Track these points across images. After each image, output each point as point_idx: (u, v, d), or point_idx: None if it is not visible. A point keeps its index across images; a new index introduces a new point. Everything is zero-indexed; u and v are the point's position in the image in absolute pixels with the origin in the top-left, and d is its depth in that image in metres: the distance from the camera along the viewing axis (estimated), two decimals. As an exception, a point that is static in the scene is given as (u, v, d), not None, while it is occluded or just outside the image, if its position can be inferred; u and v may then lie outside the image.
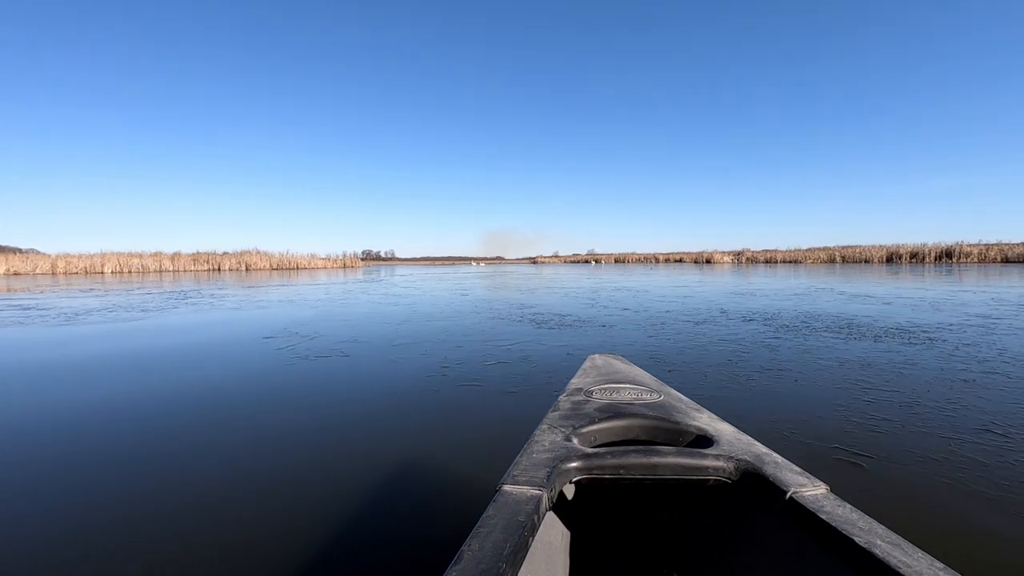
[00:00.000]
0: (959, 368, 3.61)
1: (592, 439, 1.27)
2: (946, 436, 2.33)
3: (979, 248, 36.83)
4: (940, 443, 2.25)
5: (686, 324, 6.18)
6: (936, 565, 0.74)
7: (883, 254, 40.70)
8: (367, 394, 3.27)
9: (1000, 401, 2.84)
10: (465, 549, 0.79)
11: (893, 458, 2.10)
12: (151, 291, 13.86)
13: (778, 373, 3.57)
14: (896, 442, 2.27)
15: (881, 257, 40.57)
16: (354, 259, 58.65)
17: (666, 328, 5.89)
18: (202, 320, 7.23)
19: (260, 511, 1.78)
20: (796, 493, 0.96)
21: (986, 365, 3.70)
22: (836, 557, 0.85)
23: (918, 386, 3.17)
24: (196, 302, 10.31)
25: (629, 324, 6.31)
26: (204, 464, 2.19)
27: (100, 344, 5.19)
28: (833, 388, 3.17)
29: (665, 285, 14.59)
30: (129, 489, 1.95)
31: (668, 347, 4.66)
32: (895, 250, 40.35)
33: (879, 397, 2.95)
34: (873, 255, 41.02)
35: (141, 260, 38.54)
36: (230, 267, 42.61)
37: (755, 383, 3.32)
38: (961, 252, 37.01)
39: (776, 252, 52.29)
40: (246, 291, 13.75)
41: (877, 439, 2.31)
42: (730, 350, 4.44)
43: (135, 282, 19.98)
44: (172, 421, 2.76)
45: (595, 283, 16.63)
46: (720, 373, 3.61)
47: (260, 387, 3.47)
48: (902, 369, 3.62)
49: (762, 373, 3.58)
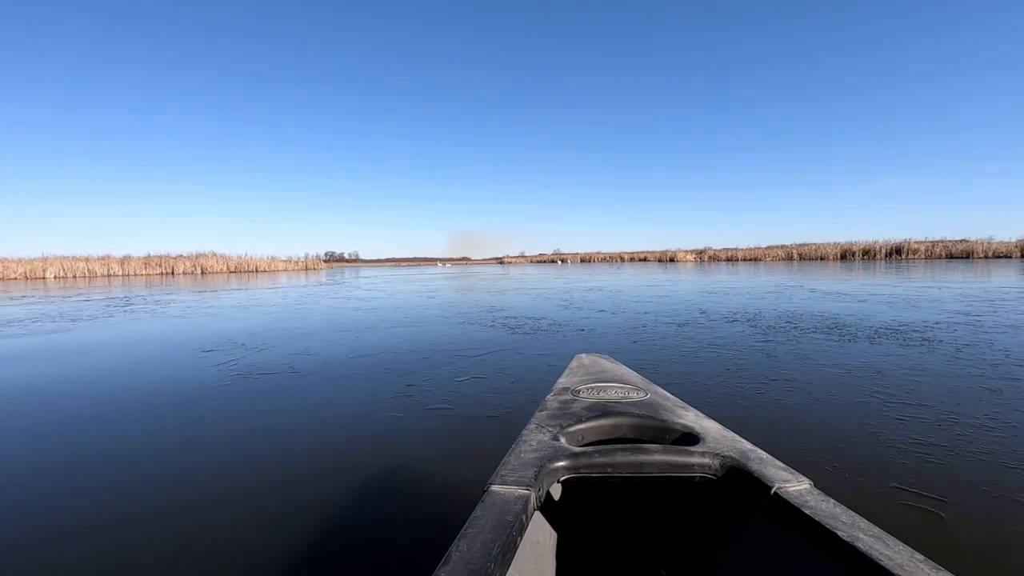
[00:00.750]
0: (974, 374, 3.34)
1: (580, 438, 1.27)
2: (1014, 465, 1.98)
3: (925, 245, 38.68)
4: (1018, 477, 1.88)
5: (668, 327, 5.83)
6: (916, 557, 0.75)
7: (837, 251, 42.25)
8: (314, 424, 2.70)
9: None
10: (453, 550, 0.78)
11: (970, 502, 1.71)
12: (91, 297, 12.63)
13: (787, 385, 3.21)
14: (961, 476, 1.88)
15: (836, 254, 42.10)
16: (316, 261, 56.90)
17: (648, 331, 5.51)
18: (134, 333, 6.34)
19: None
20: (780, 488, 0.96)
21: (1001, 370, 3.45)
22: (820, 551, 0.85)
23: (944, 398, 2.85)
24: (137, 310, 9.31)
25: (609, 328, 5.90)
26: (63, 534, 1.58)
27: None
28: (853, 403, 2.81)
29: (636, 284, 14.37)
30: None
31: (656, 354, 4.26)
32: (849, 247, 41.95)
33: (909, 414, 2.60)
34: (828, 252, 42.52)
35: (87, 264, 36.09)
36: (185, 270, 40.57)
37: (767, 398, 2.94)
38: (909, 249, 38.77)
39: (737, 251, 53.64)
40: (196, 296, 12.65)
41: (936, 474, 1.92)
42: (725, 357, 4.08)
43: (78, 288, 18.39)
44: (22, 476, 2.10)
45: (565, 283, 16.31)
46: (723, 385, 3.22)
47: (176, 418, 2.83)
48: (916, 377, 3.32)
49: (769, 385, 3.21)
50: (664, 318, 6.67)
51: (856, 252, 41.06)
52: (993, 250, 35.43)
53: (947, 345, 4.30)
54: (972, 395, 2.90)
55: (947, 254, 37.50)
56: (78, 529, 1.69)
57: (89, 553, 1.56)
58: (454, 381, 3.52)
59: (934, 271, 18.12)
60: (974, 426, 2.42)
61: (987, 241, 36.57)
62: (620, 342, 4.94)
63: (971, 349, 4.11)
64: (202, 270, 41.31)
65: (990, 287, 10.29)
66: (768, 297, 9.23)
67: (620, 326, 6.05)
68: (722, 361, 3.94)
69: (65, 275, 34.30)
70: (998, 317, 5.89)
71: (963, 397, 2.87)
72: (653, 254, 66.20)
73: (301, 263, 52.95)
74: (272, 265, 48.51)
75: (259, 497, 1.90)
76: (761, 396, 3.00)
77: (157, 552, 1.56)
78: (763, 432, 2.41)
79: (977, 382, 3.16)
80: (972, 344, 4.31)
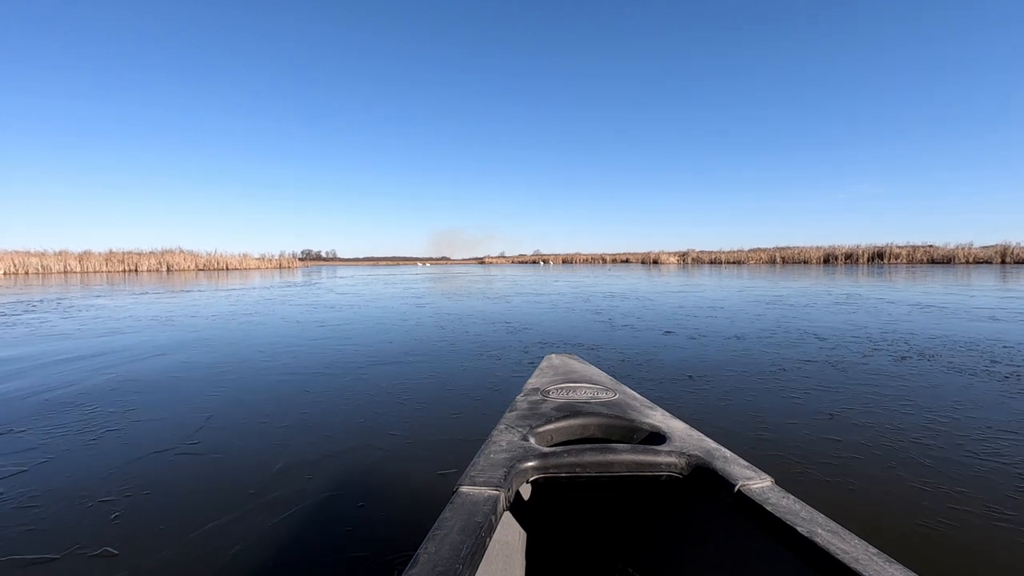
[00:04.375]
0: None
1: (549, 438, 1.29)
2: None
3: (907, 250, 38.89)
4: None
5: (796, 363, 3.95)
6: (870, 550, 0.78)
7: (820, 255, 42.32)
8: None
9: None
10: (421, 552, 0.77)
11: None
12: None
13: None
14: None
15: (819, 258, 42.17)
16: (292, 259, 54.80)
17: (787, 373, 3.64)
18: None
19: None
20: (743, 486, 0.99)
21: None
22: (781, 545, 0.88)
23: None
24: (32, 318, 7.45)
25: (741, 374, 3.63)
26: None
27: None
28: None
29: (656, 290, 13.04)
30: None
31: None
32: (831, 251, 42.04)
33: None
34: (811, 256, 42.57)
35: (41, 260, 33.85)
36: (149, 268, 38.55)
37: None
38: (891, 253, 38.94)
39: (720, 253, 53.56)
40: (130, 300, 10.93)
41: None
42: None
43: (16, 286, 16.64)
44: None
45: (572, 287, 14.68)
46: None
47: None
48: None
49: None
50: (768, 344, 4.80)
51: (839, 256, 41.16)
52: (974, 256, 35.72)
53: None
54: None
55: (928, 259, 37.75)
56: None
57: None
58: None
59: (932, 276, 17.67)
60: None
61: (968, 247, 36.88)
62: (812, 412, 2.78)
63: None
64: (168, 267, 39.25)
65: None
66: (836, 309, 8.30)
67: (752, 366, 3.88)
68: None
69: (16, 271, 32.07)
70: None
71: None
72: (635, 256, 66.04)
73: (275, 261, 50.85)
74: (244, 263, 46.46)
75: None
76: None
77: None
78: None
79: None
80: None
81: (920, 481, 1.93)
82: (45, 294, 12.72)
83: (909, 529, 1.61)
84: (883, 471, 2.03)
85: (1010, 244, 34.46)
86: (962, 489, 1.86)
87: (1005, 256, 34.01)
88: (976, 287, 12.09)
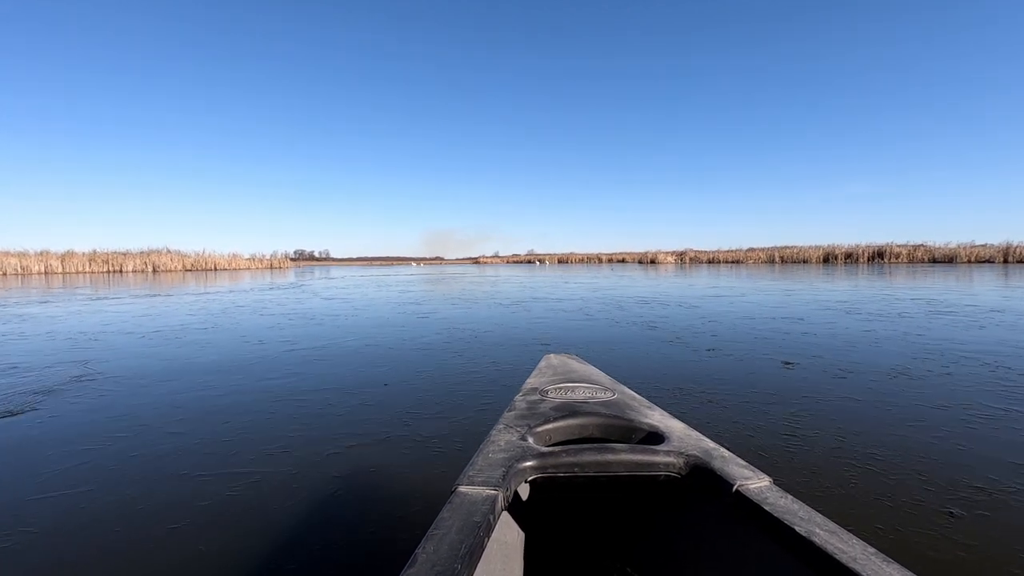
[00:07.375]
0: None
1: (547, 438, 1.27)
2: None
3: (907, 249, 38.47)
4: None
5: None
6: (869, 550, 0.76)
7: (820, 254, 41.88)
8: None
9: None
10: (419, 551, 0.76)
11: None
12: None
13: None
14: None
15: (818, 257, 41.71)
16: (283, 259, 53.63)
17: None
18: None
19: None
20: (742, 486, 0.97)
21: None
22: (779, 545, 0.86)
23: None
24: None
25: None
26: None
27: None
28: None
29: (686, 294, 11.86)
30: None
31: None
32: (831, 251, 41.59)
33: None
34: (811, 255, 42.10)
35: (20, 260, 32.72)
36: (134, 268, 37.48)
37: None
38: (891, 253, 38.51)
39: (719, 252, 53.05)
40: (78, 306, 9.80)
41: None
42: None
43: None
44: None
45: (591, 291, 12.96)
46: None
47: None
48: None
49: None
50: (876, 365, 3.88)
51: (839, 255, 40.72)
52: (976, 255, 35.28)
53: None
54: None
55: (930, 258, 37.34)
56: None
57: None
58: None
59: (940, 276, 17.07)
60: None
61: (970, 245, 36.47)
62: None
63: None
64: (154, 268, 38.13)
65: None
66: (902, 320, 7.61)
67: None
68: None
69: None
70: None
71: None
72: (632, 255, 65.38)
73: (266, 262, 49.69)
74: (234, 263, 45.32)
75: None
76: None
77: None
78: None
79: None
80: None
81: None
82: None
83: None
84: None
85: (1012, 244, 34.08)
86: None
87: (1007, 256, 33.61)
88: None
